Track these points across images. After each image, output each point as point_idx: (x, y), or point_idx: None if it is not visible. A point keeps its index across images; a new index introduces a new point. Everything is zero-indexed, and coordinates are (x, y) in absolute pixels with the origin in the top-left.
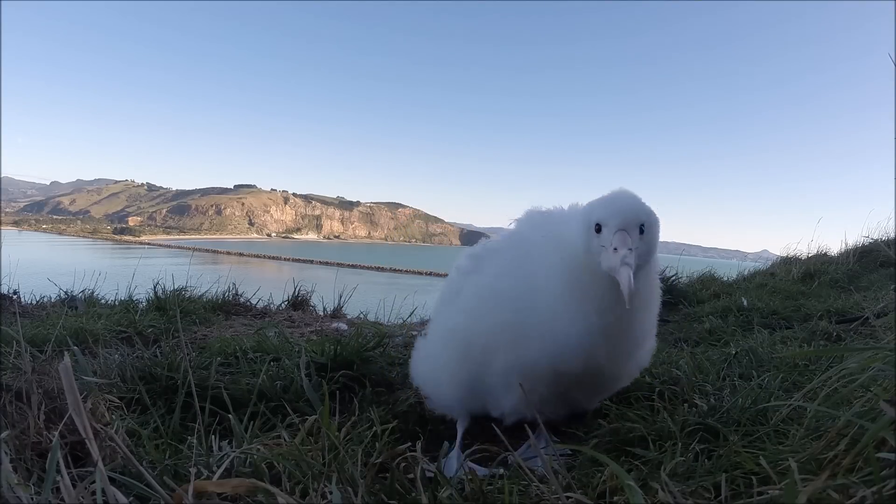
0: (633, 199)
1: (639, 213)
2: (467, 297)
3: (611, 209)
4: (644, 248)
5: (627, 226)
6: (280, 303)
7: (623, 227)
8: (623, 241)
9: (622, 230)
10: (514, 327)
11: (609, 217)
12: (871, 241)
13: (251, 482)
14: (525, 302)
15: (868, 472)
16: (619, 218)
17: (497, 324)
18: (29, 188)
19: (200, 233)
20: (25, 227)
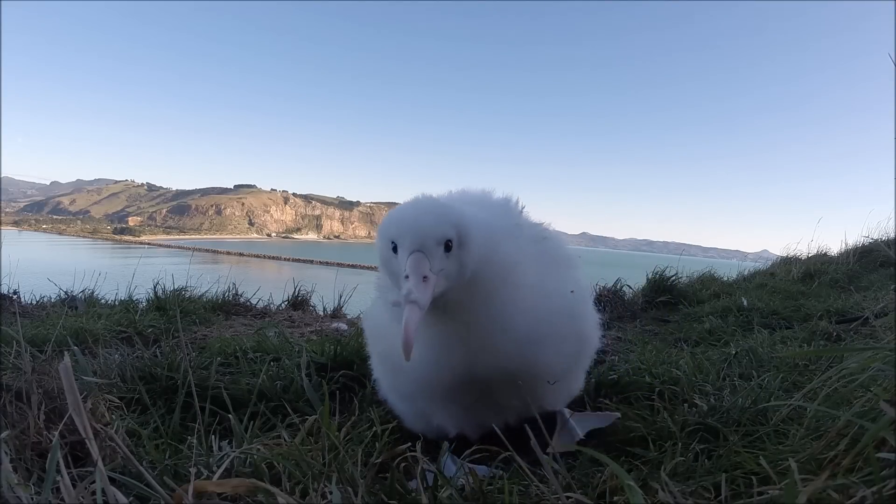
0: (432, 206)
1: (437, 225)
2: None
3: (401, 224)
4: (454, 267)
5: (424, 244)
6: (280, 303)
7: (418, 246)
8: (417, 265)
9: (417, 251)
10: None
11: (401, 234)
12: (871, 241)
13: (251, 482)
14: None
15: (868, 472)
16: (410, 235)
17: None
18: (29, 188)
19: (200, 233)
20: (25, 227)
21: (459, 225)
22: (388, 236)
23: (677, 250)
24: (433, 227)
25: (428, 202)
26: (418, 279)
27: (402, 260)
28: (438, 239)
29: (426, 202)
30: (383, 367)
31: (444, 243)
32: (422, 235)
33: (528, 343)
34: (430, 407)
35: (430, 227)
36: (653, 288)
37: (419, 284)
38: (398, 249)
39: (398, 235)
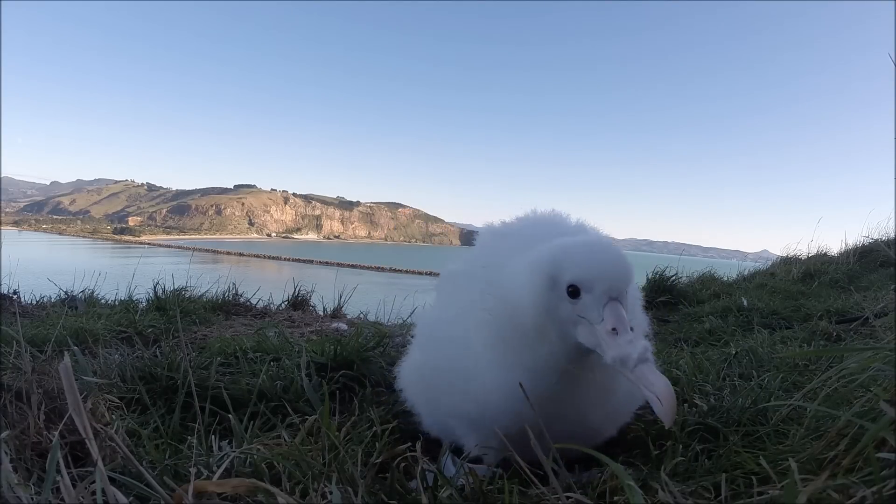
0: (620, 253)
1: (629, 273)
2: (419, 332)
3: (596, 268)
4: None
5: (620, 293)
6: (280, 303)
7: (615, 294)
8: (620, 318)
9: (614, 300)
10: (446, 373)
11: (594, 279)
12: (871, 241)
13: (251, 482)
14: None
15: (868, 472)
16: (608, 282)
17: (435, 366)
18: (29, 188)
19: (200, 233)
20: (25, 227)
21: (632, 276)
22: (564, 277)
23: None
24: (627, 273)
25: (611, 247)
26: (628, 332)
27: (588, 308)
28: (625, 289)
29: (608, 244)
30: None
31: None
32: (619, 283)
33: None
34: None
35: (625, 272)
36: (653, 288)
37: (633, 339)
38: (582, 294)
39: (588, 279)
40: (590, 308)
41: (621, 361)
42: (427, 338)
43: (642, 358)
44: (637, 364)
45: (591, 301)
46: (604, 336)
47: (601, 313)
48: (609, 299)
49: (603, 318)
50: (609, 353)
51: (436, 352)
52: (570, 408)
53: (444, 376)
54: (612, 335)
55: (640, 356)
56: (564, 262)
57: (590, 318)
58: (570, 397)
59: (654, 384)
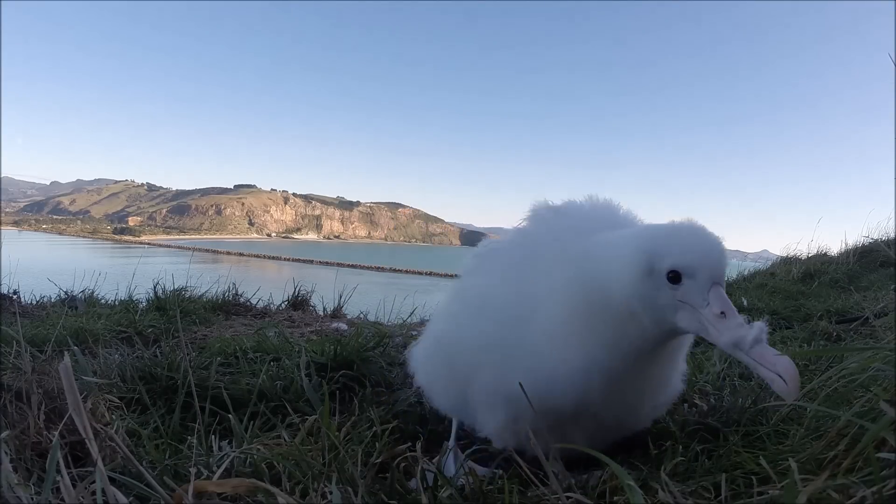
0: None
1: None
2: (455, 301)
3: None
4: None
5: (721, 277)
6: (280, 303)
7: (718, 279)
8: (726, 301)
9: (718, 284)
10: (498, 344)
11: (699, 265)
12: (871, 241)
13: (251, 482)
14: (515, 314)
15: (868, 472)
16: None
17: (480, 336)
18: (29, 188)
19: (200, 233)
20: (25, 227)
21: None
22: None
23: None
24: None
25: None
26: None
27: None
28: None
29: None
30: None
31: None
32: (721, 268)
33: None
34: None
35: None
36: None
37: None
38: (683, 279)
39: (691, 264)
40: (693, 293)
41: (736, 344)
42: (469, 310)
43: (758, 339)
44: (753, 345)
45: (693, 286)
46: (712, 321)
47: (706, 298)
48: (713, 284)
49: (709, 302)
50: (723, 337)
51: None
52: (632, 393)
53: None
54: (720, 319)
55: (756, 337)
56: (665, 248)
57: (693, 303)
58: (636, 381)
59: (776, 364)
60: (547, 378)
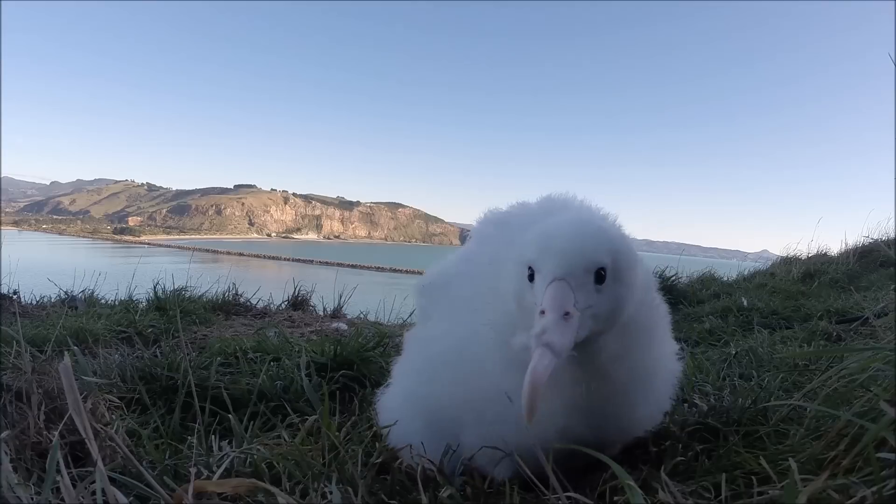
0: (584, 223)
1: (594, 250)
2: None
3: (544, 243)
4: (606, 306)
5: (570, 271)
6: (280, 303)
7: (562, 273)
8: (558, 298)
9: (560, 280)
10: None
11: (542, 256)
12: (871, 241)
13: (251, 482)
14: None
15: (868, 472)
16: (554, 259)
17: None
18: (29, 188)
19: (200, 233)
20: (25, 227)
21: (619, 252)
22: (524, 259)
23: (677, 250)
24: (584, 251)
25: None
26: (558, 315)
27: (538, 290)
28: (588, 265)
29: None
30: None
31: (596, 272)
32: (568, 260)
33: (657, 407)
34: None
35: (579, 250)
36: None
37: (558, 322)
38: (535, 277)
39: (538, 258)
40: (538, 290)
41: (521, 344)
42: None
43: (542, 340)
44: (536, 347)
45: (539, 282)
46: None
47: (542, 296)
48: (553, 279)
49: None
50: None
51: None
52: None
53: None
54: (539, 319)
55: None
56: (529, 241)
57: (538, 303)
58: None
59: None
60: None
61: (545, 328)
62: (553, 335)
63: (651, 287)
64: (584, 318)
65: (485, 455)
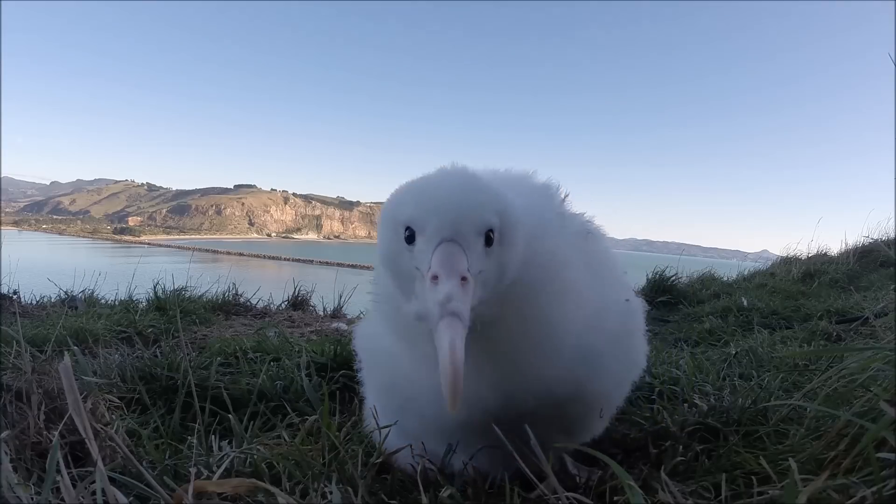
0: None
1: (479, 208)
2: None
3: (427, 201)
4: (494, 270)
5: (460, 232)
6: (280, 303)
7: (451, 235)
8: (451, 261)
9: (451, 241)
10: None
11: (425, 215)
12: (871, 241)
13: (251, 482)
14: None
15: (868, 472)
16: (441, 218)
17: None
18: (29, 188)
19: (200, 233)
20: (25, 227)
21: (505, 212)
22: (400, 218)
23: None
24: (474, 209)
25: (463, 175)
26: (455, 280)
27: (421, 253)
28: (479, 227)
29: (461, 175)
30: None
31: (485, 234)
32: (458, 219)
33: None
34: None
35: (470, 209)
36: (653, 288)
37: (458, 288)
38: (416, 238)
39: (419, 217)
40: (422, 253)
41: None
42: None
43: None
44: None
45: (422, 244)
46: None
47: (430, 260)
48: (441, 240)
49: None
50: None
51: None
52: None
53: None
54: (431, 286)
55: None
56: (401, 199)
57: (422, 267)
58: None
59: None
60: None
61: (450, 295)
62: (457, 302)
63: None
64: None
65: (483, 455)
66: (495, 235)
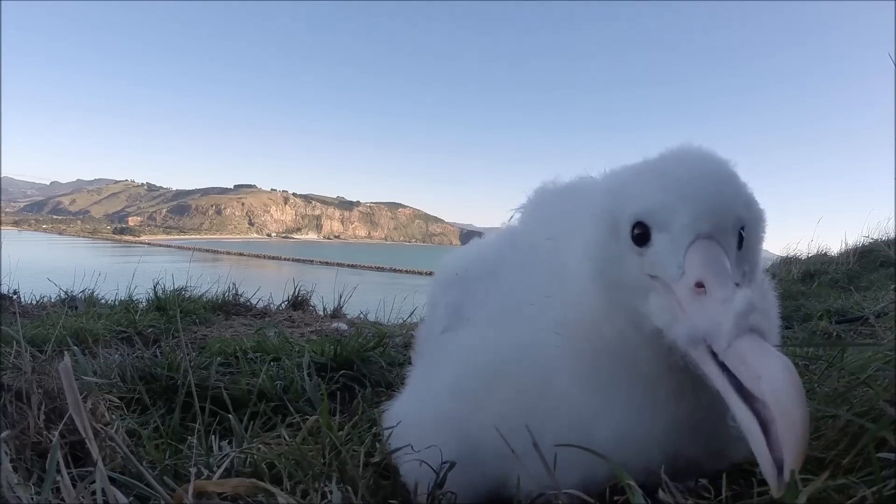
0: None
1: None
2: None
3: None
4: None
5: (718, 228)
6: (280, 303)
7: (710, 230)
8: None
9: (708, 238)
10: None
11: (670, 206)
12: (871, 241)
13: (251, 482)
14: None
15: (868, 472)
16: (696, 207)
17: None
18: (29, 188)
19: (200, 233)
20: (25, 227)
21: (752, 205)
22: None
23: None
24: (730, 195)
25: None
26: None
27: (664, 255)
28: (736, 222)
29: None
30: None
31: (739, 229)
32: (718, 209)
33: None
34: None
35: (729, 196)
36: None
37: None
38: (653, 236)
39: (662, 207)
40: (665, 256)
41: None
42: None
43: (743, 326)
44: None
45: (666, 244)
46: (684, 299)
47: (682, 262)
48: (697, 237)
49: (684, 270)
50: (678, 327)
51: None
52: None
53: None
54: (695, 296)
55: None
56: (627, 188)
57: (665, 274)
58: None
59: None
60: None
61: (751, 303)
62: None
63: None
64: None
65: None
66: (745, 234)
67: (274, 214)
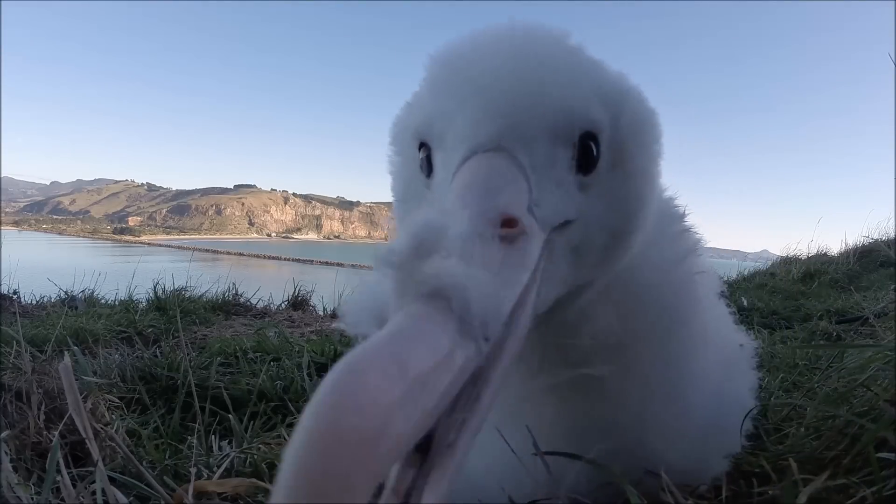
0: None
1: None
2: None
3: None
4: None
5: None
6: (280, 303)
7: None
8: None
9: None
10: None
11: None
12: (871, 241)
13: (251, 482)
14: None
15: (868, 472)
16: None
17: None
18: (29, 188)
19: (200, 233)
20: (25, 227)
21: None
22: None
23: None
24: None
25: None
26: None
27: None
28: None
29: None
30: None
31: (580, 139)
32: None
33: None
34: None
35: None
36: None
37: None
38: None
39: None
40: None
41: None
42: None
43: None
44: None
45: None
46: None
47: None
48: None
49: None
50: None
51: None
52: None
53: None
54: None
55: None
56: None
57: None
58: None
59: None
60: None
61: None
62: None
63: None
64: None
65: None
66: (602, 148)
67: (274, 214)
